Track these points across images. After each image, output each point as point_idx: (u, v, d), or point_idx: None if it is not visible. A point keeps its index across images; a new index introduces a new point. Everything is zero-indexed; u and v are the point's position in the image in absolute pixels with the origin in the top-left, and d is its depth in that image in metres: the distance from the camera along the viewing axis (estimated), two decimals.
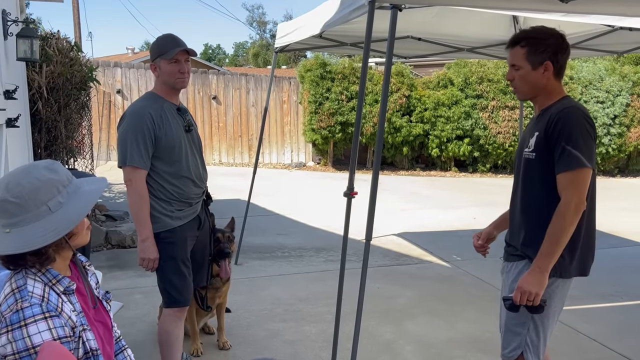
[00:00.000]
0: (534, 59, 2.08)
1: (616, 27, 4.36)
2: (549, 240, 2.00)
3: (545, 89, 2.12)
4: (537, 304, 2.03)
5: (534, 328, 2.14)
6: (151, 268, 2.66)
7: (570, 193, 1.97)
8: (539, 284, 2.01)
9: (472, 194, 9.96)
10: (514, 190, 2.30)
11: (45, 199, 1.49)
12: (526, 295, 2.02)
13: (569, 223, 1.97)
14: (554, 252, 1.99)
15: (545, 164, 2.05)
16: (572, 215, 1.97)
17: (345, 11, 3.40)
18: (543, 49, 2.07)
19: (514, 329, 2.18)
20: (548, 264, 2.01)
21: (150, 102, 2.68)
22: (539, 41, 2.08)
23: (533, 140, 2.11)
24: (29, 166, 1.55)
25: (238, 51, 56.23)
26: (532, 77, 2.11)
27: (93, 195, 1.60)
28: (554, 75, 2.11)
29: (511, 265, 2.26)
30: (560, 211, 1.98)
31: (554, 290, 2.11)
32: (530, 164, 2.13)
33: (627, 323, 4.01)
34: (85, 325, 1.54)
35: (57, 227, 1.49)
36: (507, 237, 2.35)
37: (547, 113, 2.08)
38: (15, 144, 4.55)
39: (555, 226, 1.99)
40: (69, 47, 5.94)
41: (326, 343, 3.49)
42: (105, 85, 12.03)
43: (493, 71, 12.59)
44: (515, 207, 2.27)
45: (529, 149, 2.12)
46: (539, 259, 2.02)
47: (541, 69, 2.08)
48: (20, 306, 1.41)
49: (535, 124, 2.15)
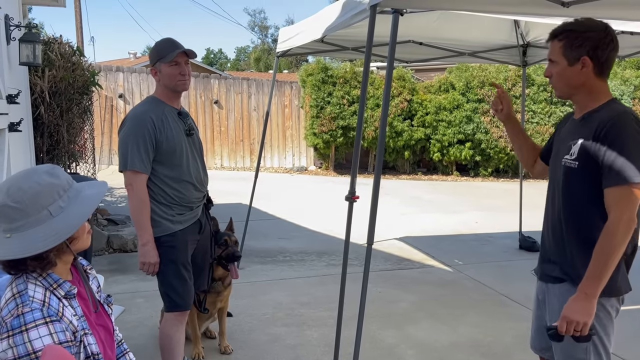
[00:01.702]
0: (570, 54, 1.90)
1: (617, 32, 4.34)
2: (597, 261, 1.79)
3: (584, 87, 1.93)
4: (585, 334, 1.82)
5: (596, 351, 1.92)
6: (152, 272, 2.66)
7: (620, 210, 1.77)
8: (587, 312, 1.79)
9: (473, 198, 9.95)
10: (550, 200, 2.08)
11: (46, 203, 1.48)
12: (573, 325, 1.80)
13: (619, 242, 1.77)
14: (603, 275, 1.78)
15: (591, 175, 1.85)
16: (622, 234, 1.77)
17: (347, 16, 3.41)
18: (580, 43, 1.87)
19: (575, 355, 1.93)
20: (596, 289, 1.79)
21: (152, 106, 2.69)
22: (576, 34, 1.89)
23: (576, 147, 1.90)
24: (30, 171, 1.55)
25: (240, 56, 56.36)
26: (568, 74, 1.92)
27: (94, 199, 1.60)
28: (596, 73, 1.90)
29: (551, 287, 2.03)
30: (610, 230, 1.78)
31: (608, 312, 1.92)
32: (572, 173, 1.92)
33: (634, 330, 3.99)
34: (87, 330, 1.54)
35: (58, 232, 1.48)
36: (542, 251, 2.13)
37: (594, 118, 1.88)
38: (18, 148, 4.56)
39: (603, 246, 1.78)
40: (71, 52, 5.96)
41: (328, 347, 3.48)
42: (108, 90, 12.06)
43: (494, 75, 12.60)
44: (552, 220, 2.05)
45: (571, 157, 1.91)
46: (586, 283, 1.81)
47: (578, 65, 1.89)
48: (21, 311, 1.41)
49: (579, 129, 1.94)
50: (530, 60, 5.97)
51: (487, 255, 6.02)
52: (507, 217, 7.54)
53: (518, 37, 5.45)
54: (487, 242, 6.56)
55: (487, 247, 6.38)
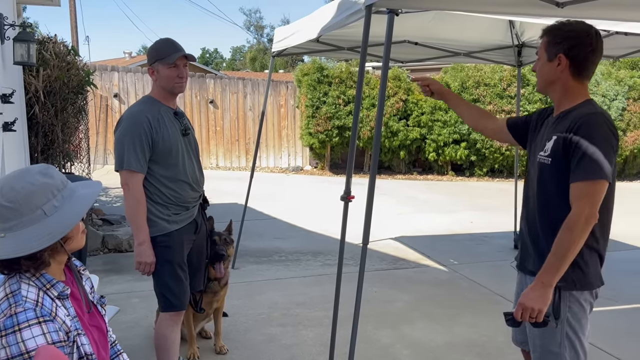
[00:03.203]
0: (550, 50, 1.99)
1: (612, 32, 4.38)
2: (555, 253, 1.87)
3: (559, 84, 2.01)
4: (540, 321, 1.90)
5: (571, 345, 1.98)
6: (148, 272, 2.65)
7: (582, 204, 1.84)
8: (542, 299, 1.87)
9: (469, 198, 9.97)
10: (525, 195, 2.17)
11: (39, 203, 1.48)
12: (528, 312, 1.89)
13: (577, 236, 1.84)
14: (560, 266, 1.86)
15: (562, 171, 1.92)
16: (581, 228, 1.83)
17: (342, 16, 3.41)
18: (559, 41, 1.97)
19: (550, 349, 2.00)
20: (552, 279, 1.87)
21: (148, 105, 2.68)
22: (559, 32, 1.99)
23: (550, 144, 1.97)
24: (23, 171, 1.54)
25: (235, 55, 56.30)
26: (546, 69, 2.02)
27: (88, 199, 1.60)
28: (572, 73, 1.97)
29: (528, 279, 2.10)
30: (570, 223, 1.85)
31: (582, 305, 1.98)
32: (545, 169, 2.00)
33: (624, 327, 4.02)
34: (80, 330, 1.54)
35: (52, 231, 1.48)
36: (520, 244, 2.21)
37: (569, 117, 1.96)
38: (12, 148, 4.55)
39: (562, 239, 1.86)
40: (65, 51, 5.94)
41: (323, 347, 3.49)
42: (103, 89, 12.03)
43: (490, 75, 12.63)
44: (527, 214, 2.13)
45: (545, 153, 1.99)
46: (543, 273, 1.89)
47: (555, 62, 1.98)
48: (14, 311, 1.41)
49: (554, 127, 2.01)
50: (525, 60, 5.98)
51: (483, 254, 6.04)
52: (502, 217, 7.55)
53: (513, 38, 5.46)
54: (482, 242, 6.58)
55: (482, 246, 6.40)
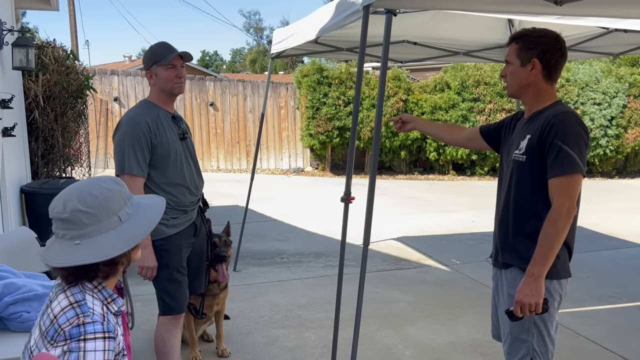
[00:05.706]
0: (523, 56, 2.10)
1: (611, 29, 4.37)
2: (542, 245, 1.97)
3: (532, 87, 2.12)
4: (539, 312, 1.99)
5: (539, 333, 2.09)
6: (150, 276, 2.65)
7: (562, 198, 1.95)
8: (537, 292, 1.97)
9: (470, 197, 9.96)
10: (499, 192, 2.29)
11: (116, 209, 1.49)
12: (527, 307, 1.98)
13: (561, 228, 1.95)
14: (548, 257, 1.96)
15: (536, 168, 2.03)
16: (564, 220, 1.95)
17: (340, 16, 3.40)
18: (532, 46, 2.08)
19: (519, 336, 2.13)
20: (543, 270, 1.97)
21: (146, 109, 2.68)
22: (531, 39, 2.10)
23: (524, 142, 2.09)
24: (96, 179, 1.55)
25: (235, 57, 56.34)
26: (519, 74, 2.12)
27: (157, 208, 1.61)
28: (544, 76, 2.10)
29: (503, 273, 2.22)
30: (553, 216, 1.96)
31: (551, 294, 2.07)
32: (520, 167, 2.11)
33: (628, 325, 4.00)
34: (124, 351, 1.52)
35: (128, 238, 1.48)
36: (494, 240, 2.29)
37: (540, 117, 2.07)
38: (12, 153, 4.55)
39: (548, 231, 1.96)
40: (65, 56, 5.95)
41: (326, 349, 3.48)
42: (103, 93, 12.03)
43: (490, 74, 12.62)
44: (501, 210, 2.24)
45: (520, 151, 2.11)
46: (533, 266, 1.98)
47: (529, 66, 2.09)
48: (82, 321, 1.39)
49: (526, 127, 2.13)
50: None
51: (484, 254, 5.99)
52: None
53: None
54: (484, 241, 6.56)
55: (484, 246, 6.38)
